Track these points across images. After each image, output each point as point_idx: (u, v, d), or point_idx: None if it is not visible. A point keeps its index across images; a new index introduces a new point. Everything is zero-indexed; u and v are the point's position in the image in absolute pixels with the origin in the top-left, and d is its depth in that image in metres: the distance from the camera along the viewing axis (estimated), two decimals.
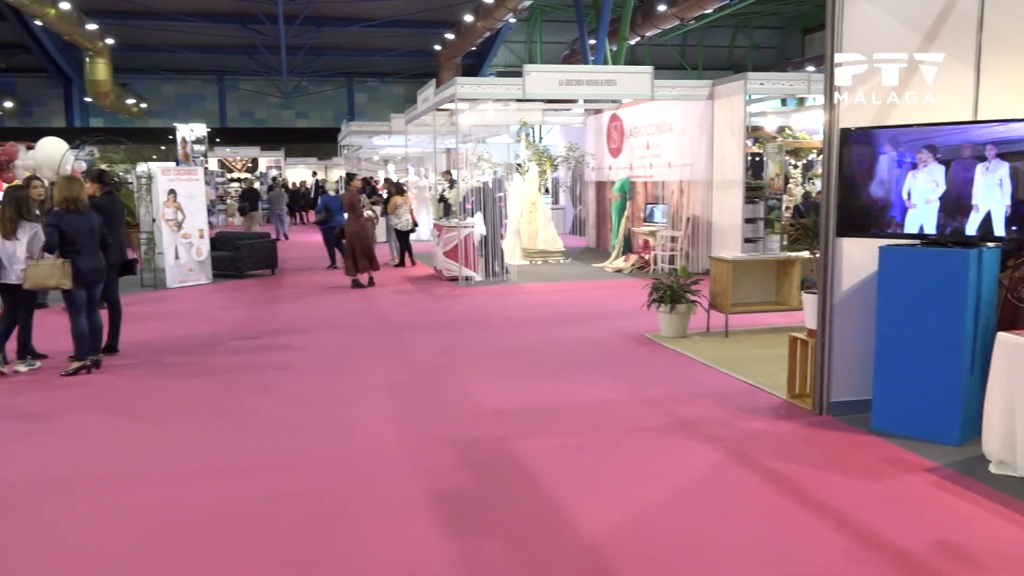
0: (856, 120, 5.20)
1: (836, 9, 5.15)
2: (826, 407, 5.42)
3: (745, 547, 3.60)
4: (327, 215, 14.65)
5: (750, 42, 35.29)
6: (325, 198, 15.20)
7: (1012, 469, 4.30)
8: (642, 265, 13.64)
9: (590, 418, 5.55)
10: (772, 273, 8.43)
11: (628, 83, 12.72)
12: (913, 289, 4.87)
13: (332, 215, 14.51)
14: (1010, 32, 5.36)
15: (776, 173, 12.43)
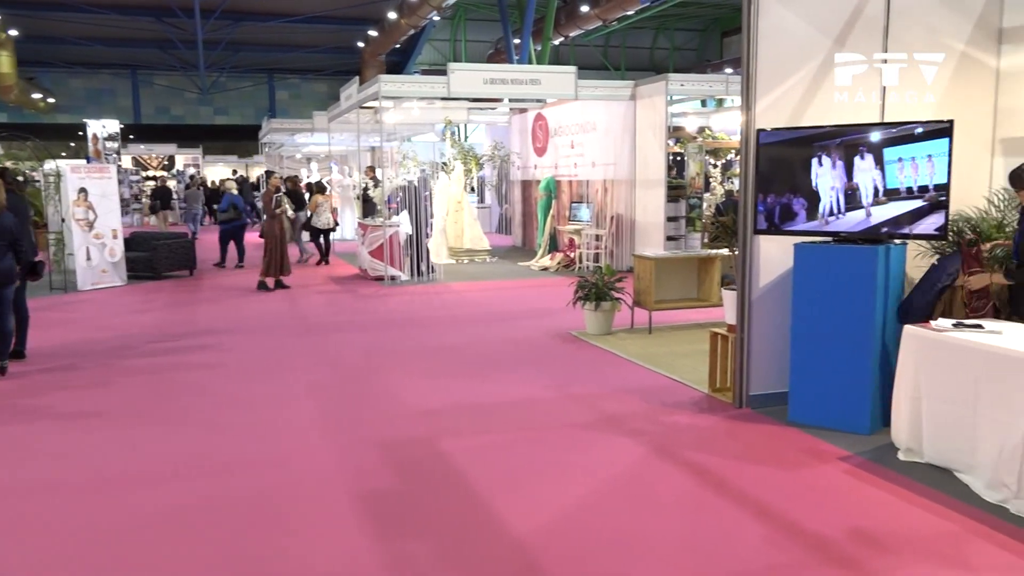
0: (772, 121, 5.37)
1: (752, 13, 5.29)
2: (745, 400, 5.57)
3: (669, 539, 3.67)
4: (235, 214, 14.44)
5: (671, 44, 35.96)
6: (231, 196, 14.91)
7: (918, 456, 4.51)
8: (568, 263, 13.77)
9: (517, 416, 5.57)
10: (694, 270, 8.62)
11: (552, 83, 12.82)
12: (826, 285, 5.05)
13: (240, 214, 14.32)
14: (912, 39, 5.62)
15: (697, 172, 12.72)
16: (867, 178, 5.00)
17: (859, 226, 5.05)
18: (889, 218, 4.95)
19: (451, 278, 12.90)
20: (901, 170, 4.90)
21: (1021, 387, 3.87)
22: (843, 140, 5.08)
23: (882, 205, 4.96)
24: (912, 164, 4.87)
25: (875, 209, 4.99)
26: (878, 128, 5.10)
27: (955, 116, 4.98)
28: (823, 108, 5.47)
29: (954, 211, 5.22)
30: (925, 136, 4.83)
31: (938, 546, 3.54)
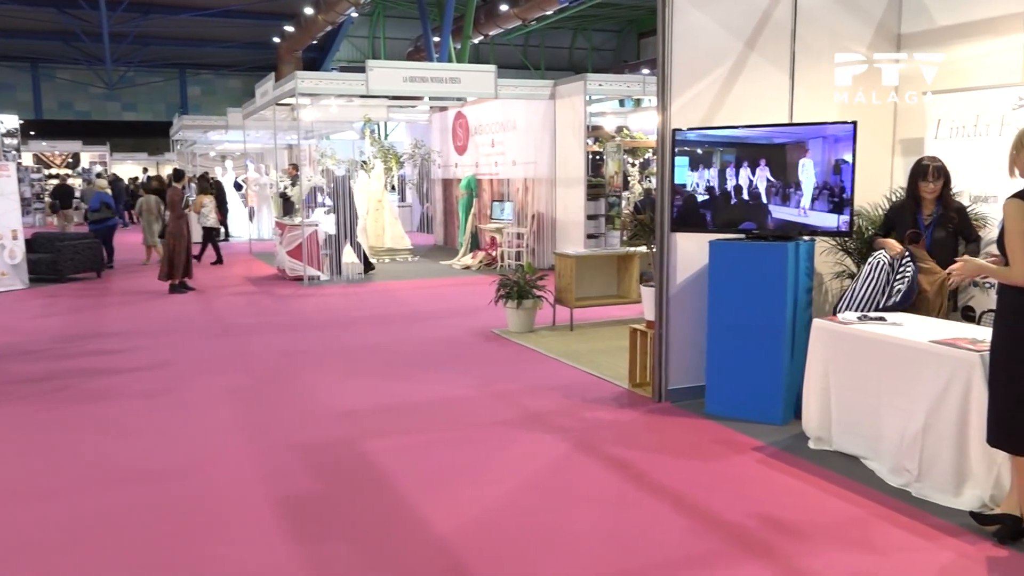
0: (687, 121, 5.49)
1: (667, 16, 5.40)
2: (664, 394, 5.69)
3: (591, 533, 3.72)
4: (108, 212, 14.03)
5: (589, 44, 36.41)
6: (101, 195, 14.46)
7: (828, 444, 4.69)
8: (489, 262, 13.80)
9: (440, 415, 5.56)
10: (613, 268, 8.75)
11: (472, 81, 12.81)
12: (739, 281, 5.20)
13: (113, 213, 13.96)
14: (817, 42, 5.84)
15: (615, 171, 12.92)
16: (776, 176, 5.17)
17: (770, 223, 5.22)
18: (797, 215, 5.13)
19: (372, 277, 12.77)
20: (808, 169, 5.09)
21: (920, 376, 4.06)
22: (754, 140, 5.24)
23: (790, 202, 5.14)
24: (819, 163, 5.06)
25: (784, 206, 5.16)
26: (787, 128, 5.28)
27: (858, 117, 5.20)
28: (735, 108, 5.63)
29: (857, 208, 5.45)
30: (831, 136, 5.02)
31: (847, 530, 3.69)
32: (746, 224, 5.30)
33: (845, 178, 4.98)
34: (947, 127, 5.58)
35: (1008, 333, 3.47)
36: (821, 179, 5.07)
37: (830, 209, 5.05)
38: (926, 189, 4.92)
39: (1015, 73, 5.37)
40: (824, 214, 5.07)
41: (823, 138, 5.05)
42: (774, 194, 5.19)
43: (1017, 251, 3.34)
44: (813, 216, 5.11)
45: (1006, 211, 3.40)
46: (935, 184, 4.90)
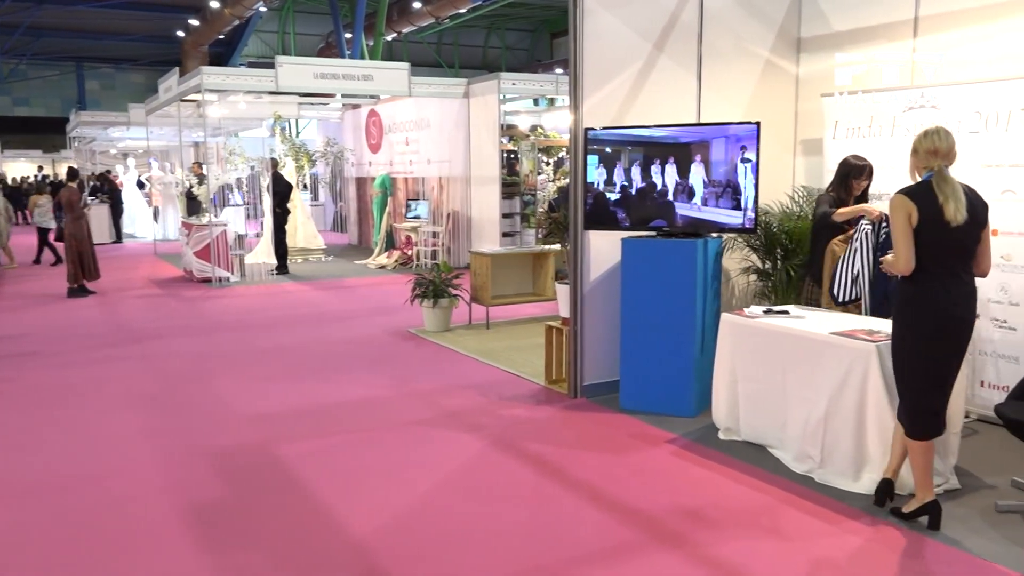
0: (599, 120, 5.58)
1: (578, 16, 5.47)
2: (580, 390, 5.77)
3: (509, 529, 3.74)
4: None
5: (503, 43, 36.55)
6: None
7: (736, 434, 4.84)
8: (405, 261, 13.70)
9: (356, 416, 5.49)
10: (529, 266, 8.81)
11: (385, 79, 12.68)
12: (651, 277, 5.31)
13: None
14: (723, 44, 6.02)
15: (530, 170, 13.01)
16: (684, 175, 5.30)
17: (679, 220, 5.35)
18: (705, 212, 5.27)
19: (284, 278, 12.51)
20: (715, 167, 5.24)
21: (822, 367, 4.24)
22: (662, 139, 5.36)
23: (698, 200, 5.28)
24: (725, 162, 5.22)
25: (693, 204, 5.30)
26: (694, 128, 5.42)
27: (762, 118, 5.38)
28: (645, 108, 5.74)
29: (762, 206, 5.65)
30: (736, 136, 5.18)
31: (755, 517, 3.82)
32: (656, 222, 5.42)
33: (750, 177, 5.14)
34: (844, 128, 5.83)
35: (900, 322, 3.66)
36: (727, 178, 5.22)
37: (736, 207, 5.21)
38: (859, 187, 5.13)
39: (905, 77, 5.65)
40: (730, 211, 5.23)
41: (728, 138, 5.21)
42: (682, 192, 5.32)
43: (898, 242, 3.53)
44: (720, 213, 5.26)
45: (890, 205, 3.59)
46: (867, 183, 5.12)
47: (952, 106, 5.18)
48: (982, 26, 5.20)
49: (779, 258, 5.84)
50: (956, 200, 3.45)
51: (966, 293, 3.56)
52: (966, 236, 3.51)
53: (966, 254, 3.55)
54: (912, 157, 3.65)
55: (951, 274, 3.53)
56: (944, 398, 3.65)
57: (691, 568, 3.35)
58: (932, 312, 3.52)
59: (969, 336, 3.61)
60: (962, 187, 3.53)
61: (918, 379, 3.61)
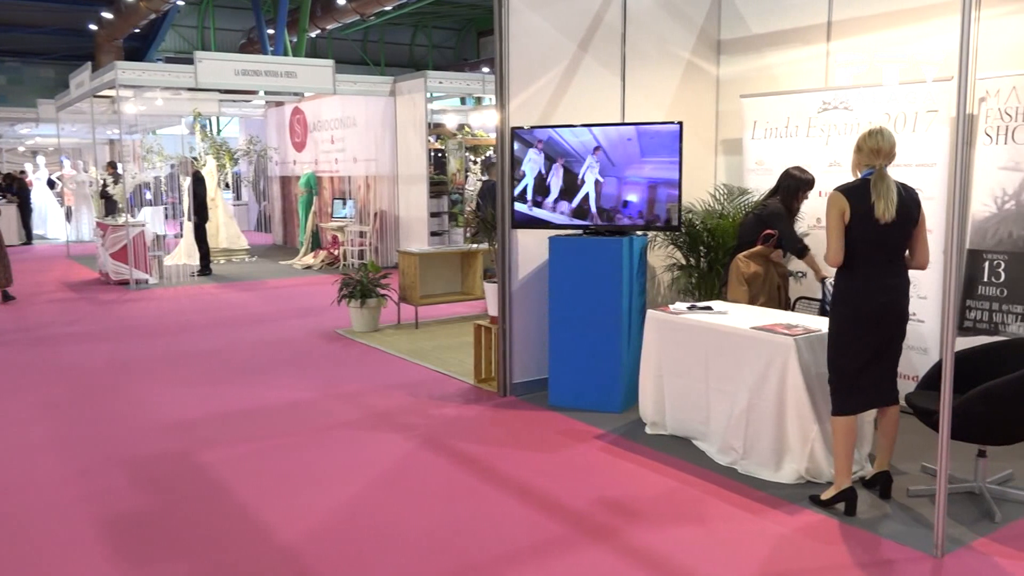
0: (526, 119, 5.60)
1: (503, 16, 5.48)
2: (509, 388, 5.79)
3: (439, 528, 3.73)
4: None
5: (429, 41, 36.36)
6: None
7: (663, 428, 4.93)
8: (332, 261, 13.51)
9: (282, 420, 5.38)
10: (457, 265, 8.80)
11: (309, 76, 12.48)
12: (577, 275, 5.36)
13: None
14: (646, 46, 6.12)
15: (458, 168, 12.99)
16: (608, 173, 5.37)
17: (604, 218, 5.41)
18: (630, 211, 5.35)
19: (207, 280, 12.19)
20: (639, 166, 5.32)
21: (743, 360, 4.35)
22: (588, 137, 5.41)
23: (622, 199, 5.36)
24: (649, 161, 5.30)
25: (618, 202, 5.37)
26: (618, 127, 5.49)
27: (684, 118, 5.49)
28: (571, 107, 5.79)
29: (686, 204, 5.76)
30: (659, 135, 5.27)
31: (680, 508, 3.90)
32: (582, 220, 5.47)
33: (673, 175, 5.24)
34: (762, 128, 6.00)
35: (834, 310, 3.86)
36: (651, 176, 5.31)
37: (659, 205, 5.30)
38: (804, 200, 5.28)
39: (819, 79, 5.84)
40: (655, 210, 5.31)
41: (652, 137, 5.29)
42: (607, 190, 5.38)
43: (830, 236, 3.72)
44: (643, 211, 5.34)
45: (826, 201, 3.77)
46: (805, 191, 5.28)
47: (863, 107, 5.39)
48: (891, 31, 5.41)
49: (702, 255, 5.96)
50: (888, 200, 3.63)
51: (893, 285, 3.75)
52: (895, 233, 3.70)
53: (894, 249, 3.75)
54: (856, 154, 3.81)
55: (878, 267, 3.73)
56: (867, 380, 3.81)
57: (618, 560, 3.40)
58: (859, 301, 3.73)
59: (898, 324, 3.80)
60: (898, 186, 3.71)
61: (847, 360, 3.79)
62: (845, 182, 3.81)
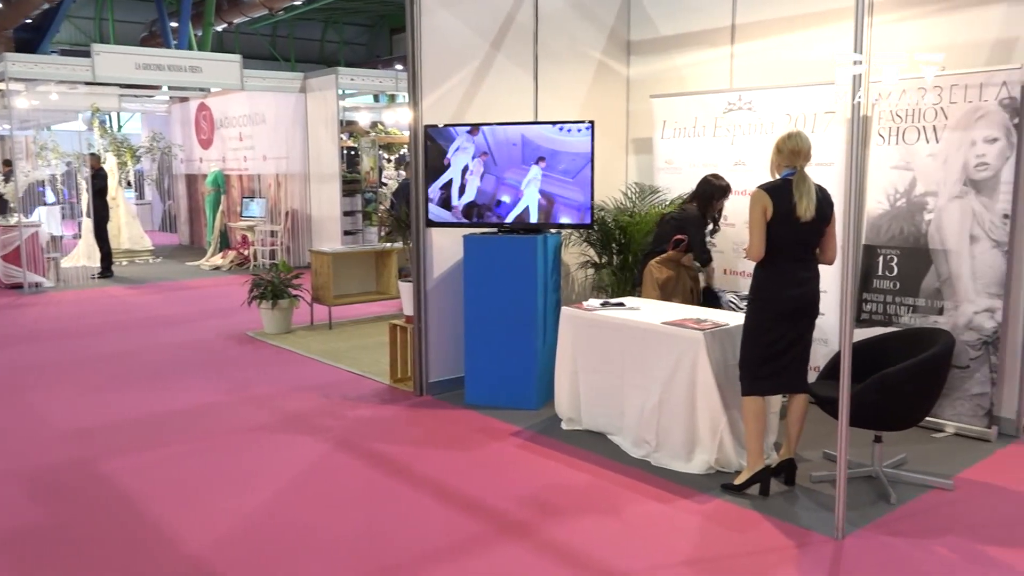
0: (439, 117, 5.58)
1: (415, 13, 5.44)
2: (425, 388, 5.76)
3: (354, 531, 3.68)
4: None
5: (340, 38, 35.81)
6: None
7: (578, 424, 4.99)
8: (241, 261, 13.17)
9: (190, 425, 5.22)
10: (372, 264, 8.70)
11: (215, 71, 12.12)
12: (492, 273, 5.37)
13: None
14: (557, 46, 6.18)
15: (371, 167, 12.84)
16: (522, 172, 5.40)
17: (518, 217, 5.44)
18: (544, 209, 5.40)
19: (108, 282, 11.71)
20: (552, 165, 5.37)
21: (656, 355, 4.45)
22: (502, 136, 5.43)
23: (536, 197, 5.40)
24: (562, 160, 5.36)
25: (531, 201, 5.41)
26: (531, 126, 5.53)
27: (596, 117, 5.57)
28: (485, 106, 5.80)
29: (598, 202, 5.85)
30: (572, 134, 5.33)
31: (595, 501, 3.96)
32: (497, 218, 5.48)
33: (585, 174, 5.31)
34: (671, 128, 6.14)
35: (751, 301, 4.01)
36: (565, 174, 5.37)
37: (572, 203, 5.36)
38: (720, 207, 5.40)
39: (725, 80, 6.02)
40: (569, 208, 5.37)
41: (564, 136, 5.35)
42: (519, 188, 5.41)
43: (753, 233, 3.88)
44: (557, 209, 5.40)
45: (749, 198, 3.91)
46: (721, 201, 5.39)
47: (765, 108, 5.58)
48: (792, 35, 5.63)
49: (615, 252, 6.06)
50: (808, 199, 3.81)
51: (807, 278, 3.93)
52: (812, 230, 3.87)
53: (810, 245, 3.93)
54: (776, 156, 3.96)
55: (796, 262, 3.90)
56: (780, 367, 3.95)
57: (536, 555, 3.43)
58: (779, 293, 3.89)
59: (811, 315, 3.97)
60: (815, 187, 3.87)
61: (760, 347, 3.94)
62: (766, 181, 3.95)
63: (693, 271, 5.43)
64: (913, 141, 4.96)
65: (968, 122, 4.72)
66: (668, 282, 5.32)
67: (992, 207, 4.66)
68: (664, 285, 5.32)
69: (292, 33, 34.58)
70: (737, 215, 5.72)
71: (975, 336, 4.76)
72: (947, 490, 4.05)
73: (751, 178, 5.56)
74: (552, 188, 5.35)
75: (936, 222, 4.89)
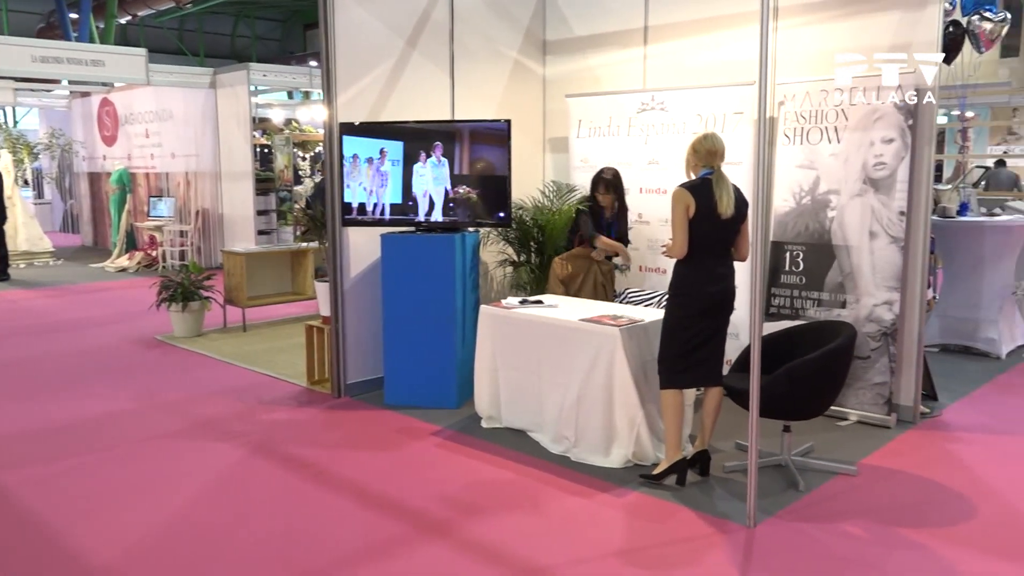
0: (354, 115, 5.50)
1: (328, 9, 5.35)
2: (344, 389, 5.67)
3: (272, 538, 3.60)
4: None
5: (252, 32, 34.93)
6: None
7: (498, 422, 5.01)
8: (149, 263, 12.72)
9: (96, 434, 5.00)
10: (287, 264, 8.52)
11: (119, 65, 11.65)
12: (411, 272, 5.34)
13: None
14: (474, 44, 6.18)
15: (285, 165, 12.57)
16: (440, 171, 5.38)
17: (436, 215, 5.42)
18: (461, 207, 5.39)
19: (5, 286, 11.13)
20: (469, 163, 5.36)
21: (573, 352, 4.50)
22: (418, 135, 5.40)
23: (454, 196, 5.39)
24: (479, 158, 5.36)
25: (449, 200, 5.39)
26: (448, 124, 5.52)
27: (513, 116, 5.59)
28: (401, 104, 5.75)
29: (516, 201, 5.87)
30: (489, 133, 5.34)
31: (516, 498, 3.98)
32: (415, 216, 5.44)
33: (503, 173, 5.32)
34: (587, 127, 6.22)
35: (672, 297, 4.09)
36: (483, 173, 5.37)
37: (492, 202, 5.37)
38: (602, 198, 5.47)
39: (638, 80, 6.13)
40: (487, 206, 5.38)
41: (482, 135, 5.35)
42: (437, 187, 5.39)
43: (676, 231, 3.96)
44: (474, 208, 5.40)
45: (671, 197, 3.98)
46: (606, 196, 5.47)
47: (678, 108, 5.70)
48: (702, 37, 5.77)
49: (533, 250, 6.10)
50: (728, 197, 3.92)
51: (724, 274, 4.04)
52: (730, 227, 3.99)
53: (728, 242, 4.04)
54: (693, 156, 4.04)
55: (715, 259, 4.01)
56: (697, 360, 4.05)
57: (456, 554, 3.42)
58: (700, 289, 3.98)
59: (728, 310, 4.09)
60: (732, 185, 3.98)
61: (680, 342, 4.03)
62: (685, 181, 4.03)
63: (607, 266, 5.52)
64: (816, 141, 5.15)
65: (867, 123, 4.94)
66: (572, 278, 5.41)
67: (889, 205, 4.89)
68: (568, 281, 5.40)
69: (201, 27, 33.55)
70: (652, 213, 5.85)
71: (875, 328, 4.98)
72: (851, 475, 4.23)
73: (665, 177, 5.68)
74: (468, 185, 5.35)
75: (838, 219, 5.09)
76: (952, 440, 4.80)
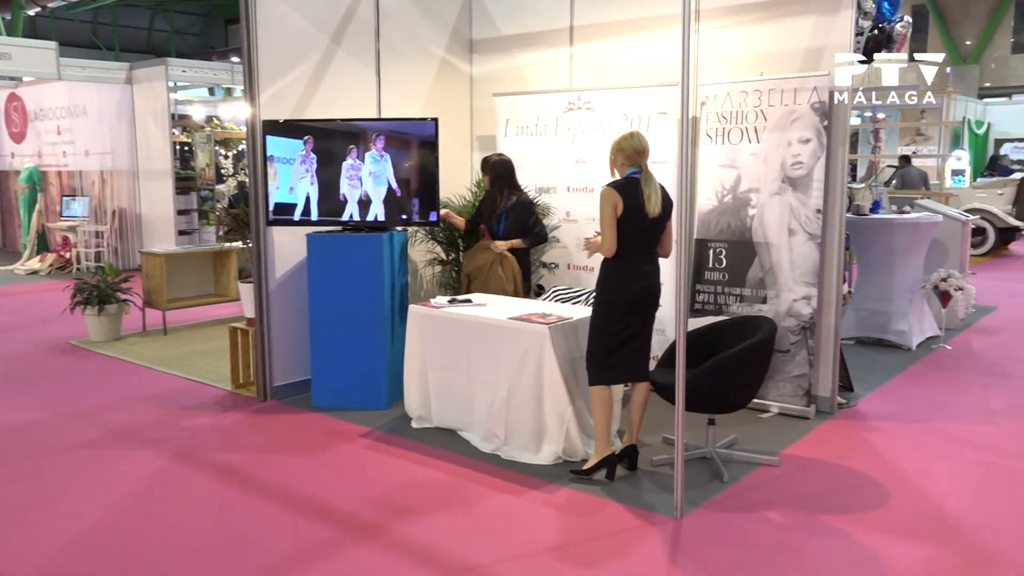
0: (279, 112, 5.40)
1: (249, 3, 5.23)
2: (270, 393, 5.56)
3: (197, 547, 3.50)
4: None
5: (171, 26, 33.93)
6: None
7: (428, 422, 4.98)
8: (62, 265, 12.22)
9: (5, 446, 4.78)
10: (209, 265, 8.31)
11: (27, 59, 11.16)
12: (338, 272, 5.26)
13: None
14: (400, 42, 6.14)
15: (207, 163, 12.24)
16: (367, 169, 5.32)
17: (363, 214, 5.36)
18: (388, 207, 5.34)
19: None
20: (397, 162, 5.32)
21: (503, 351, 4.50)
22: (343, 133, 5.33)
23: (381, 195, 5.34)
24: (406, 157, 5.32)
25: (375, 199, 5.34)
26: (374, 123, 5.47)
27: (440, 115, 5.56)
28: (326, 101, 5.67)
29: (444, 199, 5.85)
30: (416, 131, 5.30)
31: (447, 498, 3.96)
32: (341, 216, 5.37)
33: (431, 171, 5.29)
34: (514, 126, 6.24)
35: (600, 294, 4.13)
36: (409, 172, 5.33)
37: (419, 201, 5.34)
38: (487, 186, 5.48)
39: (565, 80, 6.18)
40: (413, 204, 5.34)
41: (409, 133, 5.32)
42: (363, 185, 5.33)
43: (604, 229, 3.99)
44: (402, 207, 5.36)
45: (600, 196, 4.01)
46: (490, 184, 5.46)
47: (604, 108, 5.77)
48: (626, 37, 5.85)
49: (461, 249, 6.09)
50: (656, 196, 3.98)
51: (650, 271, 4.10)
52: (656, 225, 4.04)
53: (654, 240, 4.10)
54: (618, 154, 4.08)
55: (642, 256, 4.06)
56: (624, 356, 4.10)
57: (387, 557, 3.39)
58: (627, 286, 4.03)
59: (654, 306, 4.15)
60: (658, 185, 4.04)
61: (607, 338, 4.08)
62: (613, 180, 4.08)
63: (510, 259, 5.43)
64: (737, 141, 5.28)
65: (784, 124, 5.09)
66: (477, 272, 5.41)
67: (807, 203, 5.05)
68: (473, 274, 5.42)
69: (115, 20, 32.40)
70: (580, 211, 5.90)
71: (794, 322, 5.14)
72: (774, 466, 4.35)
73: (592, 176, 5.75)
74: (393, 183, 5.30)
75: (759, 217, 5.24)
76: (867, 429, 4.99)
